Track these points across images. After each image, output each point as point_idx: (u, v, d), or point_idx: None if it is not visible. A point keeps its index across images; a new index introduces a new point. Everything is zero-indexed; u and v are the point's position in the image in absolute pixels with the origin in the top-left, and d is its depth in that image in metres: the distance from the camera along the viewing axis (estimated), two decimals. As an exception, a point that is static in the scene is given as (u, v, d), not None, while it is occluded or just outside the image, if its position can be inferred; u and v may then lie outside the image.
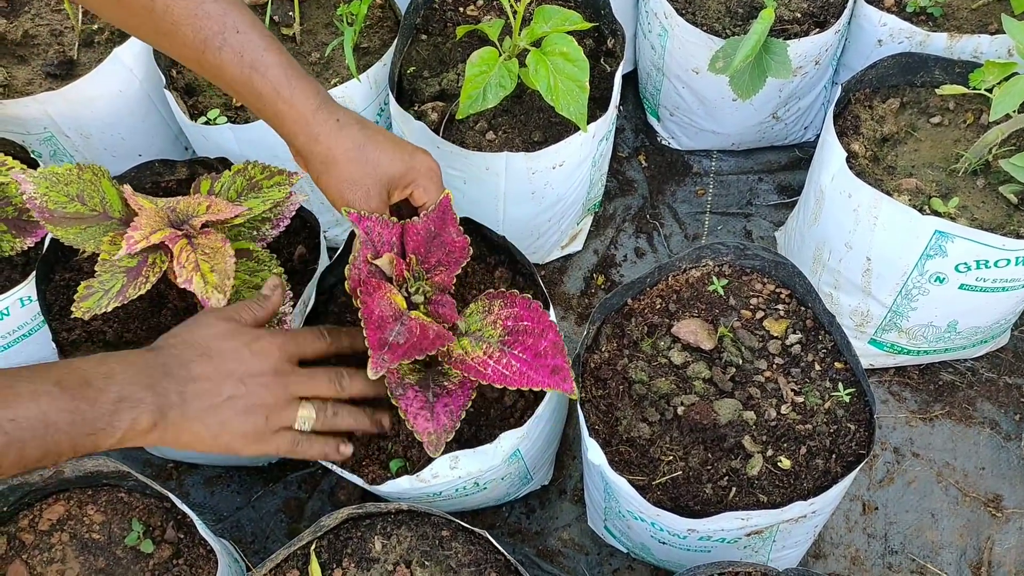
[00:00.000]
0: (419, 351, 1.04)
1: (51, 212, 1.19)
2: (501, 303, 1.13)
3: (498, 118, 1.38)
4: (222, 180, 1.26)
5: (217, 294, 1.14)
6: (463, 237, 1.13)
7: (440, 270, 1.12)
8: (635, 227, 1.67)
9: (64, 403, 0.90)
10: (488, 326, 1.12)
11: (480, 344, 1.10)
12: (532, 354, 1.08)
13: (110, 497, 1.20)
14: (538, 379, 1.06)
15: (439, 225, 1.13)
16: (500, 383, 1.06)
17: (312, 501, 1.44)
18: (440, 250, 1.13)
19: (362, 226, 1.11)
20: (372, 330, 1.04)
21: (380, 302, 1.07)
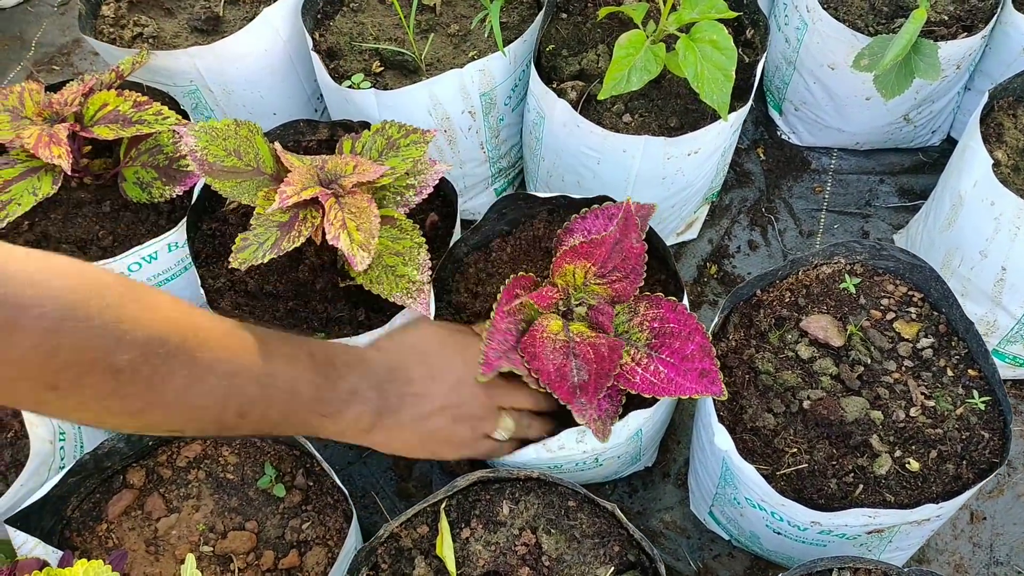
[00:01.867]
0: (605, 376, 1.07)
1: (209, 164, 1.24)
2: (647, 304, 1.15)
3: (635, 101, 1.39)
4: (363, 140, 1.29)
5: (362, 252, 1.17)
6: (642, 244, 1.14)
7: (615, 277, 1.14)
8: (750, 219, 1.68)
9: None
10: (635, 329, 1.14)
11: (628, 349, 1.12)
12: (679, 358, 1.10)
13: (244, 441, 1.25)
14: (686, 385, 1.08)
15: (623, 232, 1.14)
16: (648, 392, 1.08)
17: (421, 463, 1.48)
18: (617, 256, 1.14)
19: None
20: (559, 386, 1.08)
21: (545, 350, 1.09)
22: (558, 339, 1.12)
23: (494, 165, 1.60)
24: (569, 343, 1.12)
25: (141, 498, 1.21)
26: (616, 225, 1.14)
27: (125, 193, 1.36)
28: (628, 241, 1.16)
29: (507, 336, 1.15)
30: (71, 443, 1.27)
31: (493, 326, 1.15)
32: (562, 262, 1.16)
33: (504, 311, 1.16)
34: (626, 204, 1.16)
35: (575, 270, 1.16)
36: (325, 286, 1.31)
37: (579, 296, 1.16)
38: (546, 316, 1.14)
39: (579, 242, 1.15)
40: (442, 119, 1.44)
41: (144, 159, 1.36)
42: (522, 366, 1.12)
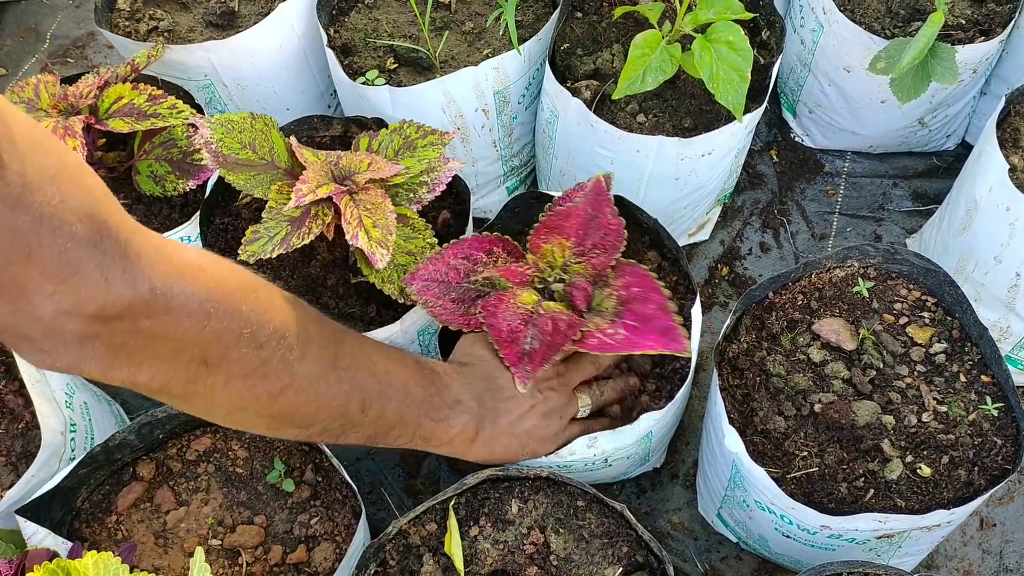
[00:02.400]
0: (555, 349, 1.07)
1: (224, 157, 1.24)
2: (614, 274, 1.14)
3: (649, 101, 1.39)
4: (379, 138, 1.30)
5: (381, 249, 1.17)
6: (618, 219, 1.15)
7: (595, 253, 1.14)
8: (762, 221, 1.67)
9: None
10: (605, 299, 1.14)
11: (602, 319, 1.11)
12: (640, 319, 1.10)
13: (253, 436, 1.25)
14: (645, 343, 1.07)
15: (595, 206, 1.14)
16: (603, 350, 1.07)
17: (429, 459, 1.48)
18: (596, 233, 1.14)
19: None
20: (508, 348, 1.08)
21: (505, 314, 1.09)
22: (523, 308, 1.10)
23: (506, 163, 1.60)
24: (532, 314, 1.10)
25: (151, 490, 1.21)
26: (584, 197, 1.14)
27: (139, 186, 1.36)
28: (603, 216, 1.15)
29: (450, 273, 1.16)
30: (82, 435, 1.28)
31: (440, 253, 1.16)
32: (537, 240, 1.16)
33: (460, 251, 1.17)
34: (595, 178, 1.15)
35: (552, 249, 1.15)
36: (337, 282, 1.31)
37: (556, 275, 1.15)
38: (520, 289, 1.13)
39: (547, 216, 1.15)
40: (456, 117, 1.44)
41: (158, 153, 1.37)
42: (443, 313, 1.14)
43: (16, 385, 1.28)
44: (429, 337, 1.34)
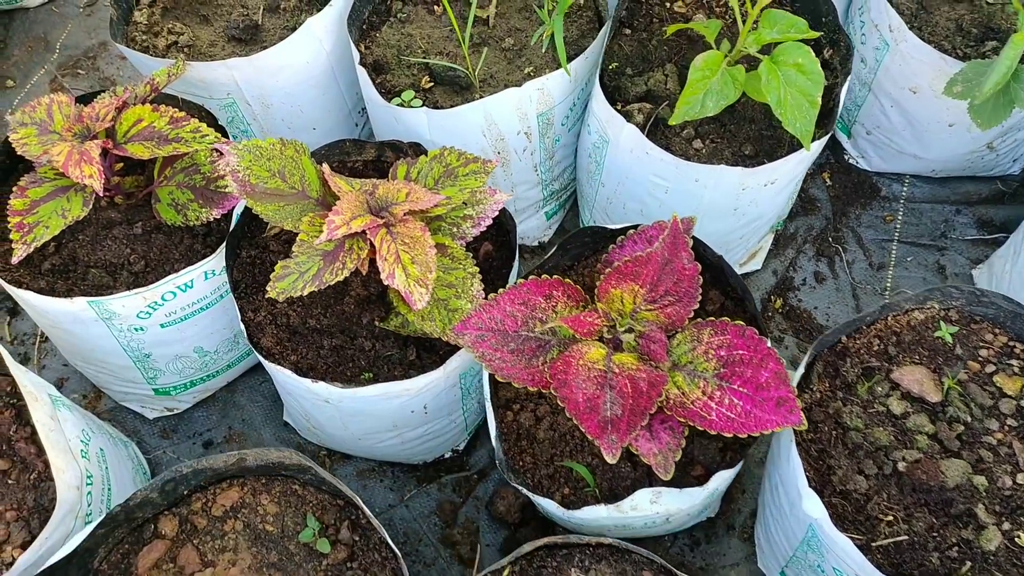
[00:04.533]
0: (642, 414, 0.98)
1: (251, 186, 1.14)
2: (711, 331, 1.05)
3: (706, 126, 1.29)
4: (418, 166, 1.20)
5: (419, 288, 1.08)
6: (694, 265, 1.05)
7: (668, 301, 1.05)
8: (816, 249, 1.58)
9: None
10: (700, 358, 1.04)
11: (696, 381, 1.03)
12: (753, 387, 1.01)
13: (284, 488, 1.16)
14: (765, 417, 0.99)
15: (672, 251, 1.05)
16: (728, 430, 0.98)
17: (466, 507, 1.39)
18: (669, 279, 1.05)
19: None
20: (588, 419, 0.99)
21: (578, 379, 1.00)
22: (595, 368, 1.02)
23: (546, 188, 1.50)
24: (607, 373, 1.02)
25: (173, 549, 1.11)
26: (662, 242, 1.05)
27: (159, 215, 1.27)
28: (678, 261, 1.06)
29: (506, 321, 1.06)
30: (98, 486, 1.18)
31: (495, 299, 1.07)
32: (607, 286, 1.06)
33: (517, 296, 1.07)
34: (673, 220, 1.06)
35: (622, 295, 1.06)
36: (372, 320, 1.21)
37: (626, 323, 1.06)
38: (586, 343, 1.04)
39: (623, 262, 1.05)
40: (496, 140, 1.34)
41: (180, 179, 1.27)
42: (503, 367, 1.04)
43: (28, 431, 1.19)
44: (471, 380, 1.25)
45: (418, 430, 1.28)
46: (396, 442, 1.30)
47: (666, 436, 1.04)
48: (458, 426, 1.35)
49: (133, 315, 1.21)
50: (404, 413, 1.21)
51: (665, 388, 0.99)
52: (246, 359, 1.46)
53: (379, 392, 1.13)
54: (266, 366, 1.17)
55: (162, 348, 1.30)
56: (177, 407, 1.47)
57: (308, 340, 1.19)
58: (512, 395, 1.17)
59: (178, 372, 1.37)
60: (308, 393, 1.16)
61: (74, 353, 1.34)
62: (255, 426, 1.47)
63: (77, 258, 1.27)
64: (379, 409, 1.18)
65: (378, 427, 1.24)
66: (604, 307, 1.06)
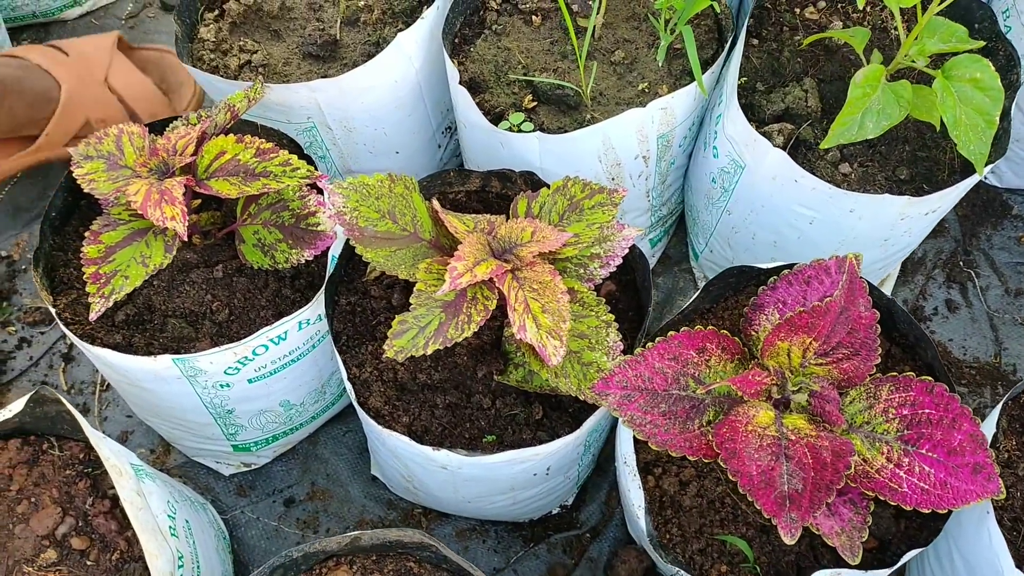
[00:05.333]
0: (825, 488, 0.85)
1: (360, 229, 1.02)
2: (891, 387, 0.92)
3: (852, 147, 1.16)
4: (540, 199, 1.07)
5: (553, 341, 0.95)
6: (871, 312, 0.92)
7: (842, 354, 0.92)
8: (946, 275, 1.44)
9: None
10: (878, 418, 0.91)
11: (876, 445, 0.90)
12: (944, 452, 0.88)
13: (398, 567, 1.03)
14: (963, 487, 0.86)
15: (848, 298, 0.92)
16: (924, 505, 0.86)
17: (580, 570, 1.26)
18: (842, 328, 0.92)
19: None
20: (763, 494, 0.86)
21: (748, 447, 0.88)
22: (767, 435, 0.89)
23: (655, 214, 1.37)
24: (780, 441, 0.89)
25: (278, 641, 0.99)
26: (841, 289, 0.92)
27: (244, 257, 1.14)
28: (855, 309, 0.93)
29: (655, 378, 0.94)
30: (189, 567, 1.06)
31: (642, 355, 0.94)
32: (774, 339, 0.93)
33: (666, 351, 0.94)
34: (848, 261, 0.93)
35: (790, 348, 0.93)
36: (488, 374, 1.08)
37: (797, 381, 0.93)
38: (752, 404, 0.92)
39: (796, 313, 0.92)
40: (612, 166, 1.21)
41: (266, 216, 1.14)
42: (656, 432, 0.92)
43: (107, 505, 1.06)
44: (595, 436, 1.12)
45: (533, 491, 1.16)
46: (508, 503, 1.17)
47: (847, 512, 0.91)
48: (571, 482, 1.22)
49: (221, 371, 1.09)
50: (525, 476, 1.08)
51: (849, 465, 0.86)
52: (331, 409, 1.33)
53: (507, 459, 1.00)
54: (376, 431, 1.03)
55: (247, 404, 1.17)
56: (256, 462, 1.34)
57: (420, 398, 1.06)
58: (652, 458, 1.04)
59: (261, 427, 1.24)
60: (424, 460, 1.03)
61: (146, 409, 1.21)
62: (340, 481, 1.34)
63: (153, 307, 1.14)
64: (500, 475, 1.06)
65: (493, 491, 1.12)
66: (771, 362, 0.93)
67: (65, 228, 1.22)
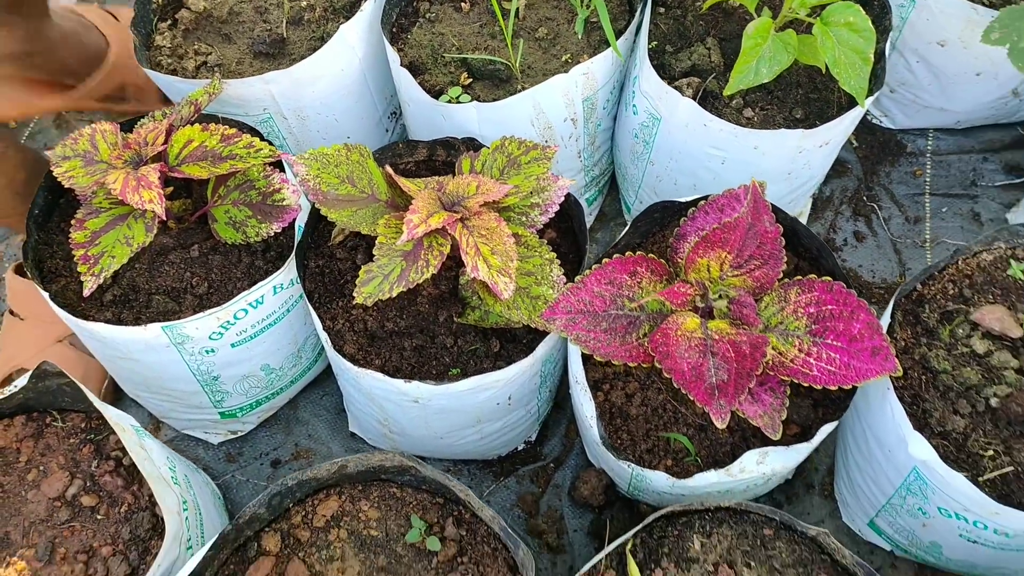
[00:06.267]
0: (747, 376, 0.99)
1: (324, 194, 1.14)
2: (798, 290, 1.07)
3: (753, 94, 1.31)
4: (481, 158, 1.20)
5: (503, 278, 1.08)
6: (776, 227, 1.07)
7: (754, 265, 1.06)
8: (852, 210, 1.60)
9: None
10: (790, 318, 1.06)
11: (789, 340, 1.04)
12: (847, 340, 1.03)
13: (382, 492, 1.15)
14: (864, 368, 1.00)
15: (755, 215, 1.06)
16: (831, 383, 1.00)
17: (547, 496, 1.39)
18: (752, 243, 1.06)
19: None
20: (695, 387, 1.00)
21: (679, 348, 1.02)
22: (694, 337, 1.03)
23: (588, 173, 1.51)
24: (706, 341, 1.03)
25: (280, 565, 1.10)
26: (747, 207, 1.06)
27: (218, 234, 1.25)
28: (761, 224, 1.08)
29: (595, 301, 1.07)
30: (192, 513, 1.17)
31: (582, 281, 1.08)
32: (695, 256, 1.08)
33: (603, 276, 1.08)
34: (752, 185, 1.08)
35: (709, 263, 1.08)
36: (449, 317, 1.21)
37: (717, 290, 1.07)
38: (680, 314, 1.06)
39: (711, 230, 1.06)
40: (544, 128, 1.35)
41: (234, 197, 1.26)
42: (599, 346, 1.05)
43: (111, 465, 1.17)
44: (550, 367, 1.25)
45: (498, 423, 1.28)
46: (476, 438, 1.30)
47: (768, 397, 1.05)
48: (532, 416, 1.35)
49: (206, 337, 1.20)
50: (490, 406, 1.21)
51: (765, 354, 1.00)
52: (307, 374, 1.45)
53: (470, 386, 1.13)
54: (352, 374, 1.16)
55: (231, 369, 1.28)
56: (241, 429, 1.45)
57: (389, 343, 1.19)
58: (600, 376, 1.17)
59: (244, 392, 1.35)
60: (397, 395, 1.15)
61: (138, 383, 1.32)
62: (322, 440, 1.45)
63: (138, 287, 1.25)
64: (467, 404, 1.18)
65: (462, 423, 1.24)
66: (694, 275, 1.07)
67: (48, 225, 1.32)
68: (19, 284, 1.48)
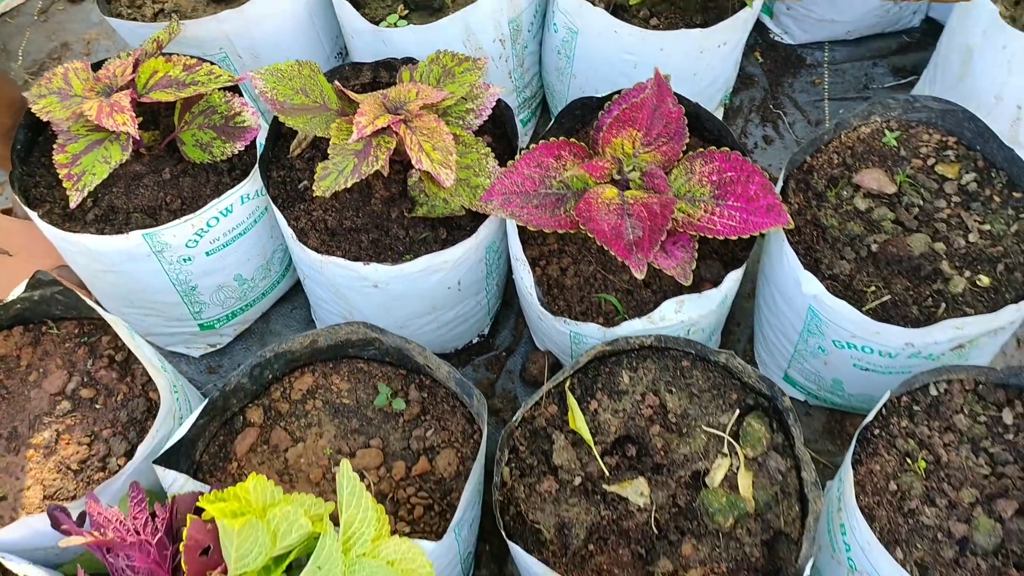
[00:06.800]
0: (659, 231, 1.15)
1: (280, 103, 1.28)
2: (702, 161, 1.23)
3: (658, 6, 1.48)
4: (420, 69, 1.36)
5: (444, 170, 1.23)
6: (679, 107, 1.23)
7: (661, 142, 1.23)
8: (760, 117, 1.78)
9: None
10: (696, 186, 1.22)
11: (696, 204, 1.20)
12: (745, 200, 1.19)
13: (351, 367, 1.30)
14: (760, 221, 1.17)
15: (659, 98, 1.23)
16: (732, 233, 1.17)
17: (501, 380, 1.54)
18: (660, 123, 1.23)
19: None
20: (615, 244, 1.15)
21: (600, 213, 1.17)
22: (613, 203, 1.19)
23: (520, 94, 1.67)
24: (623, 205, 1.19)
25: (264, 433, 1.24)
26: (650, 90, 1.23)
27: (187, 156, 1.39)
28: (665, 106, 1.24)
29: (526, 183, 1.23)
30: (183, 396, 1.30)
31: (513, 166, 1.23)
32: (609, 136, 1.24)
33: (532, 159, 1.24)
34: (655, 73, 1.24)
35: (623, 142, 1.24)
36: (400, 214, 1.36)
37: (630, 163, 1.23)
38: (600, 186, 1.21)
39: (622, 110, 1.22)
40: (475, 50, 1.50)
41: (200, 121, 1.39)
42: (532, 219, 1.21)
43: (105, 361, 1.30)
44: (494, 255, 1.40)
45: (452, 312, 1.43)
46: (433, 327, 1.45)
47: (680, 252, 1.22)
48: (483, 309, 1.50)
49: (182, 244, 1.33)
50: (442, 290, 1.36)
51: (673, 212, 1.17)
52: (278, 287, 1.59)
53: (422, 266, 1.28)
54: (316, 264, 1.30)
55: (207, 279, 1.42)
56: (220, 342, 1.59)
57: (348, 238, 1.33)
58: (537, 254, 1.33)
59: (221, 303, 1.49)
60: (358, 281, 1.30)
61: (122, 298, 1.45)
62: (294, 349, 1.60)
63: (116, 207, 1.38)
64: (421, 288, 1.33)
65: (419, 309, 1.39)
66: (610, 152, 1.23)
67: (29, 159, 1.45)
68: (7, 223, 1.60)
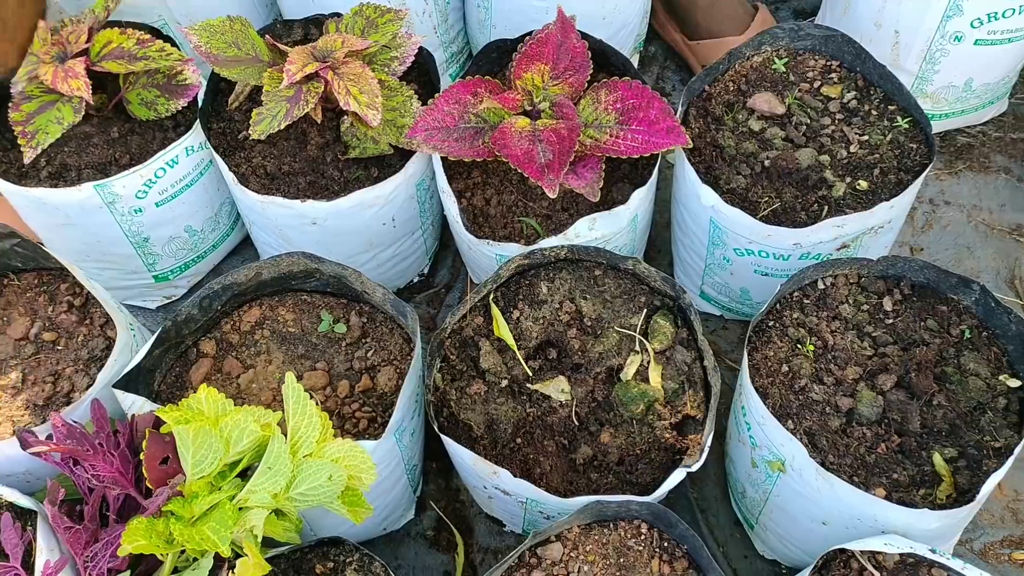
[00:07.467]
0: (567, 153, 1.26)
1: (215, 56, 1.39)
2: (606, 91, 1.35)
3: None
4: (344, 21, 1.46)
5: (371, 111, 1.34)
6: (583, 42, 1.35)
7: (568, 75, 1.34)
8: (676, 64, 1.90)
9: None
10: (602, 114, 1.34)
11: (603, 130, 1.32)
12: (647, 124, 1.31)
13: (296, 300, 1.40)
14: (660, 142, 1.29)
15: (563, 34, 1.34)
16: (634, 153, 1.29)
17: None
18: (566, 57, 1.34)
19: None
20: (528, 167, 1.27)
21: (513, 140, 1.28)
22: (525, 131, 1.30)
23: (447, 49, 1.78)
24: (535, 132, 1.30)
25: (217, 363, 1.34)
26: (554, 25, 1.34)
27: (133, 114, 1.48)
28: (569, 41, 1.36)
29: (446, 119, 1.34)
30: (139, 333, 1.40)
31: (434, 103, 1.34)
32: (519, 70, 1.35)
33: (451, 96, 1.35)
34: (559, 10, 1.36)
35: (532, 76, 1.35)
36: (335, 157, 1.46)
37: (540, 94, 1.35)
38: (513, 117, 1.33)
39: (528, 44, 1.34)
40: (400, 4, 1.60)
41: (144, 81, 1.49)
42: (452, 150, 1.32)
43: (64, 307, 1.39)
44: (424, 192, 1.51)
45: (390, 250, 1.54)
46: (373, 265, 1.55)
47: (589, 173, 1.33)
48: (420, 247, 1.62)
49: (132, 195, 1.43)
50: (376, 226, 1.46)
51: (580, 138, 1.28)
52: (227, 239, 1.69)
53: (356, 201, 1.38)
54: (258, 205, 1.40)
55: (159, 230, 1.52)
56: (175, 294, 1.68)
57: (287, 181, 1.44)
58: (462, 186, 1.44)
59: (173, 255, 1.59)
60: (298, 219, 1.40)
61: (78, 252, 1.53)
62: (246, 297, 1.70)
63: (68, 165, 1.47)
64: (357, 224, 1.44)
65: (357, 246, 1.49)
66: (521, 85, 1.35)
67: (-16, 122, 1.54)
68: None
